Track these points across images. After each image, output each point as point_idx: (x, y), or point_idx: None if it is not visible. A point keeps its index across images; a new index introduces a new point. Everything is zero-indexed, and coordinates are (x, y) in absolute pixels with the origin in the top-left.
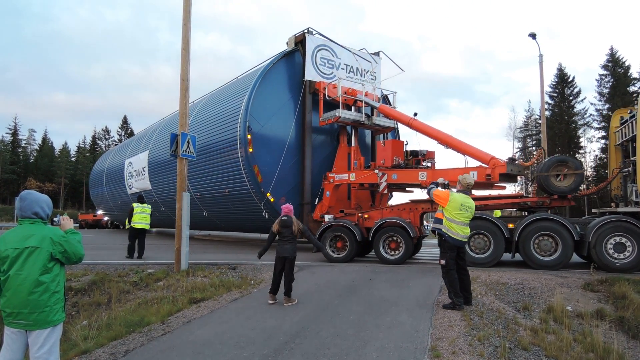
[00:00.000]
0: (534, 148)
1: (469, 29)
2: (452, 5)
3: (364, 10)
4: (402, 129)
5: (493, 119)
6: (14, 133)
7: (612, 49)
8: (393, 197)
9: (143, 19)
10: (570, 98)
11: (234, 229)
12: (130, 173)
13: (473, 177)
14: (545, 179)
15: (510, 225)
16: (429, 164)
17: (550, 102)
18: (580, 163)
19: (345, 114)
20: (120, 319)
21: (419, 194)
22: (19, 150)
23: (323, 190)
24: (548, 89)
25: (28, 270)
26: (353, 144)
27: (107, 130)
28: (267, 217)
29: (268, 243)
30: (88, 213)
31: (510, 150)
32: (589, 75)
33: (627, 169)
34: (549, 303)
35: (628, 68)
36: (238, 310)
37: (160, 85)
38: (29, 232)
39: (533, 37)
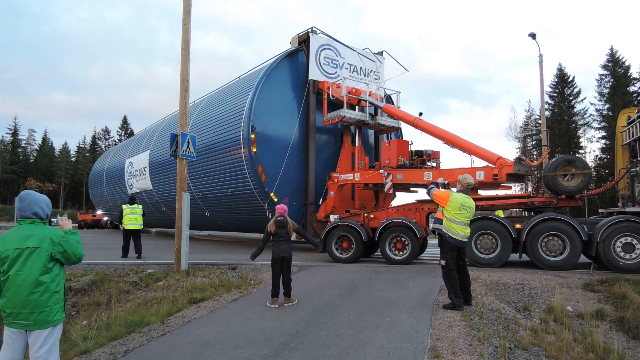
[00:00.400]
0: (535, 148)
1: (469, 29)
2: (452, 5)
3: (364, 10)
4: (404, 129)
5: (493, 119)
6: (14, 133)
7: (612, 49)
8: (396, 197)
9: (143, 19)
10: (570, 98)
11: (236, 229)
12: (131, 173)
13: (480, 177)
14: (553, 179)
15: (518, 226)
16: (434, 164)
17: (550, 102)
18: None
19: (350, 114)
20: (120, 319)
21: (425, 194)
22: (19, 150)
23: (327, 190)
24: (548, 89)
25: (28, 271)
26: (357, 144)
27: (107, 131)
28: (270, 217)
29: (263, 244)
30: (88, 213)
31: (511, 150)
32: (589, 75)
33: (634, 169)
34: (549, 303)
35: (628, 68)
36: (238, 311)
37: (160, 85)
38: (29, 232)
39: (533, 37)
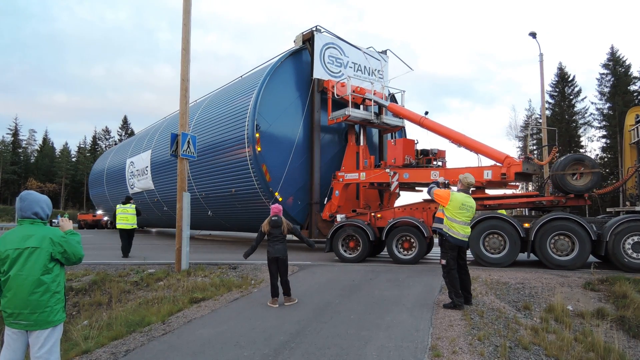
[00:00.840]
0: (536, 148)
1: (470, 29)
2: (452, 5)
3: (364, 10)
4: (408, 128)
5: (494, 119)
6: (15, 133)
7: (612, 48)
8: (400, 196)
9: (143, 19)
10: (571, 97)
11: (239, 229)
12: (132, 172)
13: (487, 176)
14: (562, 178)
15: (526, 225)
16: (440, 163)
17: (551, 101)
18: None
19: (355, 113)
20: (121, 319)
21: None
22: (20, 151)
23: (332, 190)
24: (548, 88)
25: (28, 271)
26: (362, 143)
27: (107, 131)
28: None
29: (256, 243)
30: (88, 213)
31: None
32: (590, 75)
33: None
34: (550, 302)
35: (629, 67)
36: (238, 310)
37: (160, 85)
38: (29, 232)
39: (533, 36)
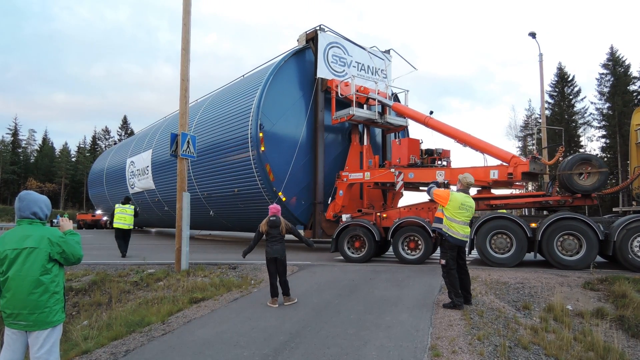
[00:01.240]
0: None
1: (470, 29)
2: (452, 5)
3: (364, 11)
4: (411, 128)
5: (494, 119)
6: (14, 133)
7: (612, 48)
8: (403, 196)
9: (143, 19)
10: (571, 97)
11: (241, 229)
12: (133, 172)
13: (494, 175)
14: (569, 178)
15: (533, 225)
16: (445, 163)
17: (551, 101)
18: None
19: (359, 112)
20: (121, 319)
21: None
22: (19, 151)
23: (336, 190)
24: (548, 88)
25: (27, 271)
26: (365, 143)
27: (107, 131)
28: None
29: (254, 243)
30: (87, 213)
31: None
32: (589, 75)
33: None
34: (549, 302)
35: (628, 67)
36: (238, 310)
37: (160, 85)
38: (27, 232)
39: (533, 36)
